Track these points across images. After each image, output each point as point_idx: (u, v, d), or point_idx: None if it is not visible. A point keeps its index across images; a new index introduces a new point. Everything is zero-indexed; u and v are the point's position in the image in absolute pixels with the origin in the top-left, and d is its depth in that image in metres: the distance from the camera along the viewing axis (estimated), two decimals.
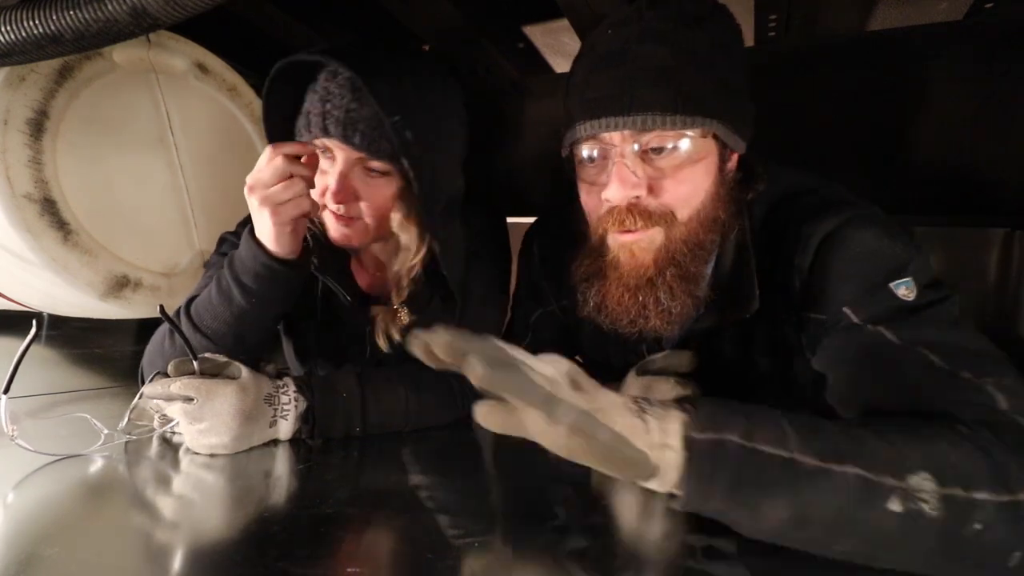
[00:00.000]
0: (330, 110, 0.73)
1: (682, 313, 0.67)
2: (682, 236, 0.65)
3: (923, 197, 1.07)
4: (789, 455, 0.43)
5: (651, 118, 0.60)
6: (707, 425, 0.44)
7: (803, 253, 0.64)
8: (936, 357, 0.53)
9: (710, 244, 0.67)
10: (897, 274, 0.59)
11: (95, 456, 0.67)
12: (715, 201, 0.66)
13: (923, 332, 0.55)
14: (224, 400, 0.67)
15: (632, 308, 0.67)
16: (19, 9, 0.76)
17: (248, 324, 0.78)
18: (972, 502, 0.42)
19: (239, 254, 0.77)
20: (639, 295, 0.66)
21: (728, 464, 0.43)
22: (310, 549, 0.47)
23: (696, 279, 0.67)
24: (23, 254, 0.96)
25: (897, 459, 0.43)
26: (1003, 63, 0.98)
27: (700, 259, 0.67)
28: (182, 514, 0.55)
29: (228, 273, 0.77)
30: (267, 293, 0.76)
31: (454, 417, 0.86)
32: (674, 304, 0.66)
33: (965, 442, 0.45)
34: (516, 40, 1.25)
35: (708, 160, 0.65)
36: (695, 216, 0.65)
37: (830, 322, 0.62)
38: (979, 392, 0.50)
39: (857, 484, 0.42)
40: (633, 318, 0.67)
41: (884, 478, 0.42)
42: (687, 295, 0.66)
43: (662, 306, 0.66)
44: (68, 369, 1.16)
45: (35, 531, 0.50)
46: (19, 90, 0.93)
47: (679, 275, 0.65)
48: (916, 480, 0.42)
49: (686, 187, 0.64)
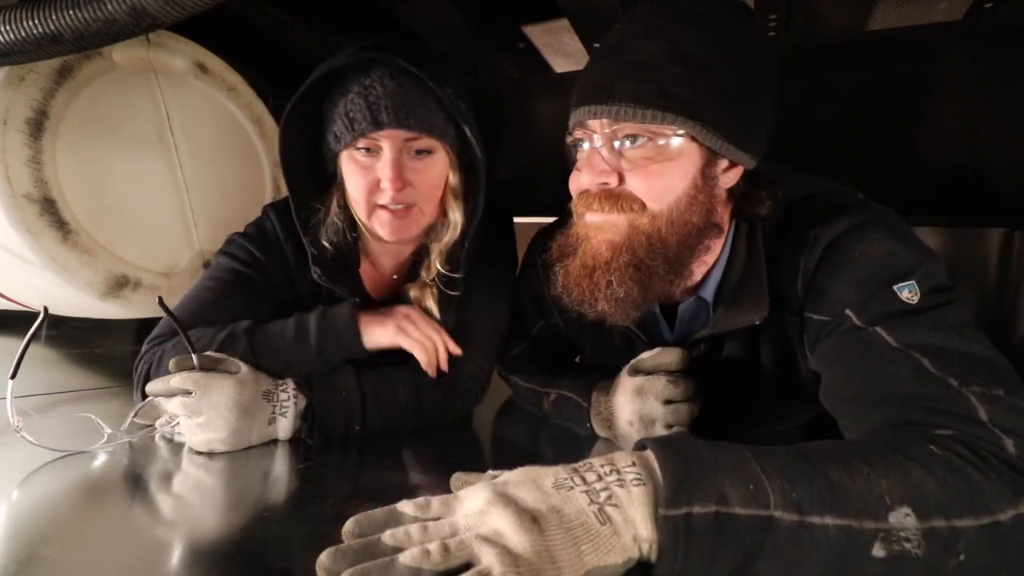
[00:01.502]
0: (375, 101, 0.75)
1: (630, 302, 0.67)
2: (645, 229, 0.65)
3: (923, 197, 1.07)
4: (767, 513, 0.41)
5: (625, 108, 0.60)
6: (674, 498, 0.41)
7: (810, 254, 0.64)
8: (927, 361, 0.52)
9: (676, 246, 0.66)
10: (901, 277, 0.58)
11: (97, 455, 0.67)
12: (691, 205, 0.64)
13: (919, 335, 0.55)
14: (221, 393, 0.68)
15: (586, 288, 0.68)
16: (19, 9, 0.76)
17: (301, 369, 0.78)
18: (954, 531, 0.41)
19: (337, 331, 0.78)
20: (593, 276, 0.67)
21: (703, 536, 0.41)
22: (310, 549, 0.47)
23: (651, 274, 0.66)
24: (23, 254, 0.96)
25: (875, 496, 0.42)
26: (1003, 63, 0.98)
27: (660, 256, 0.65)
28: (182, 514, 0.55)
29: (315, 338, 0.77)
30: (338, 363, 0.80)
31: (454, 417, 0.86)
32: (620, 290, 0.66)
33: (939, 465, 0.44)
34: (516, 40, 1.25)
35: (685, 161, 0.63)
36: (665, 213, 0.65)
37: (832, 324, 0.61)
38: (961, 402, 0.49)
39: (839, 535, 0.41)
40: (585, 298, 0.68)
41: (865, 522, 0.41)
42: (638, 286, 0.66)
43: (612, 291, 0.66)
44: (68, 369, 1.16)
45: (36, 530, 0.50)
46: (19, 90, 0.93)
47: (632, 263, 0.65)
48: (897, 518, 0.41)
49: (655, 183, 0.64)
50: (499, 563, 0.37)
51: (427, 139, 0.78)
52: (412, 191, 0.79)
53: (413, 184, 0.79)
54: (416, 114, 0.76)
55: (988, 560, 0.41)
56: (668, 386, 0.72)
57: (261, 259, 0.86)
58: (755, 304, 0.67)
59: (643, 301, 0.67)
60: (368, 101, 0.75)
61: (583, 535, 0.40)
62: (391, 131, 0.76)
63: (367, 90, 0.75)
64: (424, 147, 0.79)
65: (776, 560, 0.41)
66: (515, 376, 0.97)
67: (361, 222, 0.85)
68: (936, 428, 0.48)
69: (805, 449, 0.46)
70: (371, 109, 0.75)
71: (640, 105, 0.60)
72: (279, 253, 0.88)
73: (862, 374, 0.57)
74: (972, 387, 0.50)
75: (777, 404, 0.79)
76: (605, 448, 0.79)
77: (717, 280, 0.72)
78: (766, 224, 0.69)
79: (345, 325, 0.79)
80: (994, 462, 0.44)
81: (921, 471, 0.44)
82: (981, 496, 0.42)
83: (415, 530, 0.41)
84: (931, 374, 0.52)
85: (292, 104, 0.78)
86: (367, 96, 0.75)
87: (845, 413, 0.59)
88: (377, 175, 0.78)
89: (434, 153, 0.80)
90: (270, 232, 0.88)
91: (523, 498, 0.43)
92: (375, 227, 0.82)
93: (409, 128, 0.76)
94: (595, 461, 0.46)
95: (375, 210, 0.81)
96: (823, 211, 0.65)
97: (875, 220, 0.63)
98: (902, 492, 0.42)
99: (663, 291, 0.68)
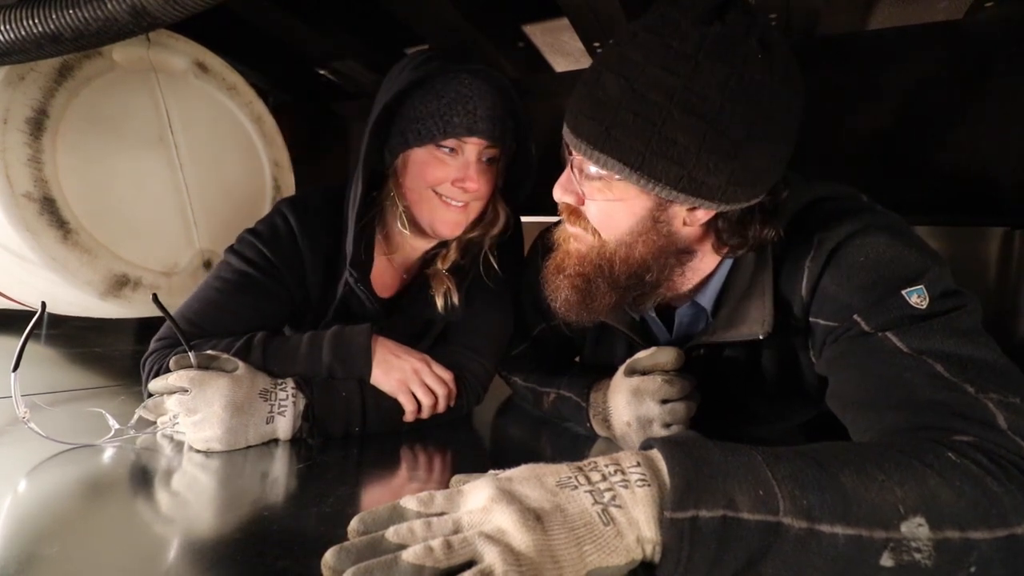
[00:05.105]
0: (473, 110, 0.81)
1: (573, 306, 0.71)
2: (594, 253, 0.68)
3: (923, 196, 1.07)
4: (776, 519, 0.40)
5: (580, 143, 0.62)
6: (681, 500, 0.40)
7: (815, 259, 0.64)
8: (941, 367, 0.52)
9: (625, 276, 0.67)
10: (910, 282, 0.58)
11: (98, 453, 0.67)
12: (641, 243, 0.65)
13: (931, 341, 0.54)
14: (216, 391, 0.68)
15: (551, 285, 0.73)
16: (19, 8, 0.76)
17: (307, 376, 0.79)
18: (968, 543, 0.40)
19: (351, 356, 0.80)
20: (558, 276, 0.72)
21: (708, 540, 0.40)
22: (310, 549, 0.47)
23: (592, 289, 0.69)
24: (23, 253, 0.96)
25: (888, 505, 0.41)
26: (1003, 63, 0.98)
27: (604, 279, 0.68)
28: (182, 513, 0.55)
29: (328, 357, 0.79)
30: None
31: (454, 416, 0.86)
32: (571, 295, 0.70)
33: (957, 474, 0.43)
34: (516, 40, 1.25)
35: (632, 203, 0.64)
36: (611, 246, 0.67)
37: (840, 329, 0.61)
38: (979, 408, 0.48)
39: (848, 544, 0.40)
40: (551, 294, 0.73)
41: (876, 532, 0.40)
42: (579, 295, 0.70)
43: (564, 293, 0.71)
44: (68, 368, 1.16)
45: (37, 528, 0.50)
46: (19, 89, 0.93)
47: (580, 274, 0.70)
48: (909, 528, 0.40)
49: (604, 217, 0.66)
50: (501, 562, 0.37)
51: (499, 148, 0.86)
52: (479, 191, 0.85)
53: (479, 184, 0.84)
54: (501, 128, 0.84)
55: (1000, 574, 0.41)
56: (664, 386, 0.72)
57: (271, 258, 0.86)
58: (758, 318, 0.67)
59: (585, 310, 0.71)
60: (467, 108, 0.81)
61: (586, 535, 0.40)
62: (480, 139, 0.82)
63: (465, 98, 0.81)
64: (494, 155, 0.86)
65: (780, 565, 0.41)
66: (515, 375, 0.97)
67: (414, 217, 0.87)
68: (955, 434, 0.47)
69: (818, 453, 0.45)
70: (469, 116, 0.81)
71: (591, 145, 0.61)
72: (292, 252, 0.87)
73: (874, 379, 0.56)
74: (989, 394, 0.49)
75: (777, 405, 0.79)
76: (606, 447, 0.79)
77: (716, 289, 0.72)
78: (774, 249, 0.68)
79: (361, 351, 0.80)
80: (1014, 472, 0.44)
81: (938, 479, 0.43)
82: (999, 507, 0.42)
83: (419, 526, 0.41)
84: (947, 380, 0.51)
85: (384, 105, 0.82)
86: (465, 104, 0.81)
87: (856, 417, 0.58)
88: (453, 173, 0.83)
89: (499, 161, 0.88)
90: (283, 229, 0.88)
91: (527, 496, 0.43)
92: (432, 220, 0.86)
93: (494, 140, 0.83)
94: (600, 460, 0.46)
95: (436, 201, 0.85)
96: (828, 216, 0.65)
97: (880, 224, 0.62)
98: (916, 501, 0.41)
99: (607, 305, 0.70)
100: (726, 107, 0.56)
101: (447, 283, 0.91)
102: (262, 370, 0.76)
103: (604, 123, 0.60)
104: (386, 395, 0.80)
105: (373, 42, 1.34)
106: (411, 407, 0.80)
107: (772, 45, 0.58)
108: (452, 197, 0.84)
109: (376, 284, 0.93)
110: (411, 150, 0.84)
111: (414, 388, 0.81)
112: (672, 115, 0.57)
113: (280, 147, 1.34)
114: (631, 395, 0.74)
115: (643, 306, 0.74)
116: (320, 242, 0.88)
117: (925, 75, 1.05)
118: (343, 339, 0.80)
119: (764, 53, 0.57)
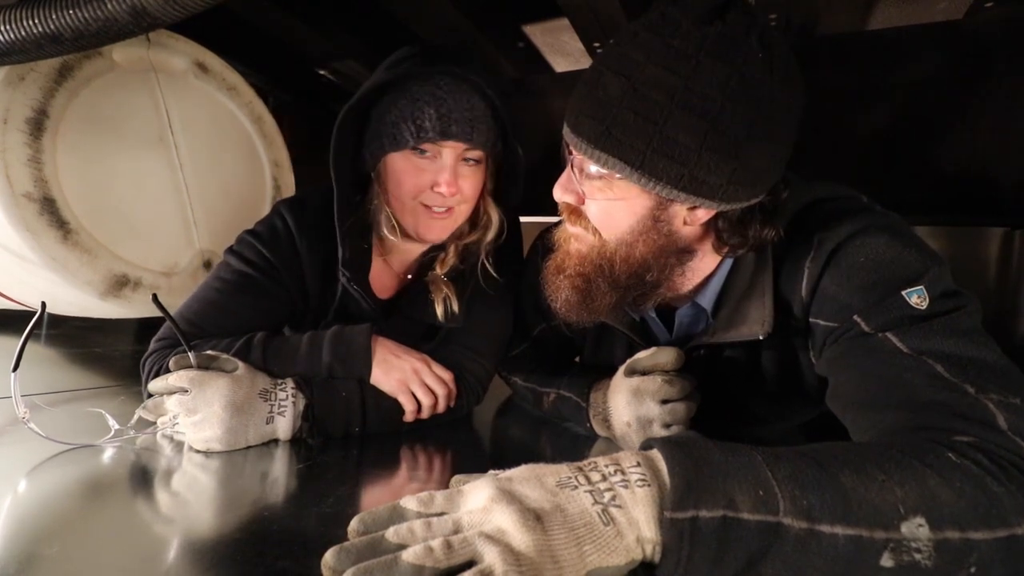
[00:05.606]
0: (446, 113, 0.79)
1: (573, 306, 0.71)
2: (594, 253, 0.68)
3: (923, 196, 1.07)
4: (776, 520, 0.41)
5: (581, 142, 0.62)
6: (681, 501, 0.41)
7: (815, 260, 0.64)
8: (941, 368, 0.52)
9: (625, 275, 0.67)
10: (910, 282, 0.58)
11: (98, 452, 0.67)
12: (642, 242, 0.65)
13: (932, 341, 0.54)
14: (215, 391, 0.68)
15: (551, 285, 0.73)
16: (19, 8, 0.76)
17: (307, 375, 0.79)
18: (968, 543, 0.40)
19: (351, 355, 0.79)
20: (558, 276, 0.72)
21: (708, 540, 0.40)
22: (310, 549, 0.47)
23: (592, 295, 0.69)
24: (23, 253, 0.96)
25: (888, 505, 0.41)
26: (1003, 63, 0.98)
27: (605, 279, 0.68)
28: (182, 514, 0.55)
29: (328, 357, 0.79)
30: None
31: (454, 416, 0.86)
32: (572, 295, 0.70)
33: (957, 474, 0.43)
34: (516, 40, 1.25)
35: (633, 202, 0.64)
36: (612, 246, 0.67)
37: (840, 330, 0.61)
38: (979, 408, 0.48)
39: (848, 545, 0.40)
40: (551, 294, 0.73)
41: (876, 532, 0.40)
42: (579, 295, 0.70)
43: (565, 293, 0.71)
44: (68, 368, 1.16)
45: (37, 528, 0.50)
46: (19, 89, 0.93)
47: (580, 274, 0.70)
48: (909, 528, 0.40)
49: (604, 217, 0.66)
50: (501, 562, 0.37)
51: (480, 150, 0.83)
52: (458, 195, 0.83)
53: (462, 188, 0.83)
54: (479, 129, 0.81)
55: (1000, 574, 0.41)
56: (664, 386, 0.72)
57: (270, 259, 0.86)
58: (758, 319, 0.67)
59: (585, 310, 0.71)
60: (439, 112, 0.79)
61: (586, 535, 0.40)
62: (456, 143, 0.80)
63: (438, 100, 0.79)
64: (476, 157, 0.84)
65: (780, 565, 0.41)
66: (515, 376, 0.97)
67: (397, 222, 0.86)
68: (955, 434, 0.47)
69: (818, 453, 0.45)
70: (442, 120, 0.79)
71: (591, 144, 0.61)
72: (291, 252, 0.87)
73: (874, 379, 0.56)
74: (989, 394, 0.49)
75: (777, 406, 0.79)
76: (606, 447, 0.79)
77: (716, 289, 0.72)
78: (775, 250, 0.68)
79: (361, 351, 0.80)
80: (1014, 473, 0.44)
81: (938, 480, 0.43)
82: (999, 508, 0.42)
83: (419, 527, 0.41)
84: (947, 380, 0.51)
85: (348, 107, 0.81)
86: (438, 107, 0.79)
87: (856, 417, 0.58)
88: (431, 178, 0.82)
89: (481, 162, 0.86)
90: (281, 230, 0.88)
91: (527, 495, 0.43)
92: (417, 226, 0.85)
93: (472, 143, 0.81)
94: (600, 460, 0.46)
95: (419, 210, 0.84)
96: (828, 216, 0.65)
97: (880, 224, 0.62)
98: (917, 501, 0.42)
99: (608, 305, 0.70)
100: (727, 106, 0.56)
101: (446, 290, 0.90)
102: (262, 370, 0.76)
103: (605, 122, 0.60)
104: (386, 395, 0.80)
105: (373, 42, 1.34)
106: (411, 407, 0.80)
107: (772, 45, 0.58)
108: (435, 204, 0.83)
109: (375, 285, 0.93)
110: (388, 155, 0.83)
111: (414, 388, 0.81)
112: (673, 114, 0.57)
113: (280, 147, 1.34)
114: (631, 395, 0.74)
115: (643, 306, 0.74)
116: (318, 243, 0.88)
117: (925, 75, 1.05)
118: (343, 339, 0.80)
119: (764, 53, 0.57)
